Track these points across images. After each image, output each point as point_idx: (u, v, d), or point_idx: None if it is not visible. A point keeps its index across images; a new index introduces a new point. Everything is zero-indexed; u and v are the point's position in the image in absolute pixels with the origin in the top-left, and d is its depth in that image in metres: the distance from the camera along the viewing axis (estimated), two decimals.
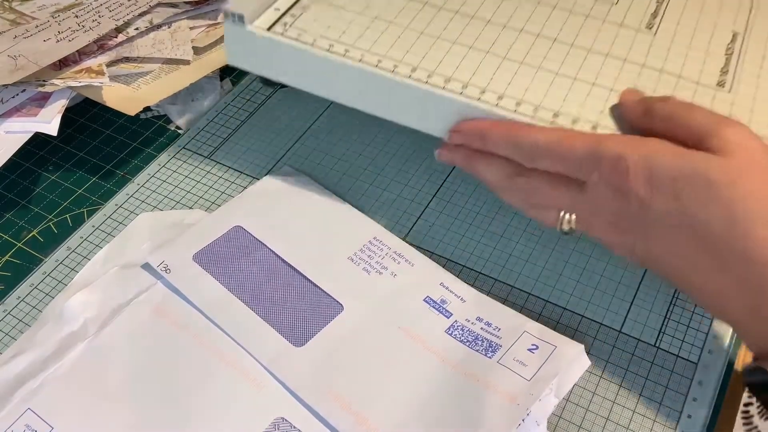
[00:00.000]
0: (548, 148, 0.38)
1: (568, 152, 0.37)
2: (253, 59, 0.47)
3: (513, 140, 0.39)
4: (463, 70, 0.43)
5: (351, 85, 0.44)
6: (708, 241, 0.33)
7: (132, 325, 0.42)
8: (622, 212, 0.36)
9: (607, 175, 0.35)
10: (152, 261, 0.44)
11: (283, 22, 0.45)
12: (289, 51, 0.44)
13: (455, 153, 0.42)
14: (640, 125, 0.38)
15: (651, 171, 0.34)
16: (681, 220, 0.34)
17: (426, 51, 0.44)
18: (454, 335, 0.41)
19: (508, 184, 0.40)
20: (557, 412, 0.39)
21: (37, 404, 0.39)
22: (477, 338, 0.40)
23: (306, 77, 0.46)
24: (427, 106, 0.42)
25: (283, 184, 0.50)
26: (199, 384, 0.39)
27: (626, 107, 0.39)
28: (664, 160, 0.34)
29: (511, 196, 0.41)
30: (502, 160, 0.40)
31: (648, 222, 0.35)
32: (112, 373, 0.40)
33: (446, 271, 0.44)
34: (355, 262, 0.44)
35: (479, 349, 0.40)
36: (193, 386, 0.39)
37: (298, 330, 0.41)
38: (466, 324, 0.41)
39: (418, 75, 0.42)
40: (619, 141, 0.36)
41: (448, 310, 0.42)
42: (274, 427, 0.38)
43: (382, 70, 0.43)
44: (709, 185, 0.33)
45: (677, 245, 0.35)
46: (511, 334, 0.40)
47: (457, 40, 0.44)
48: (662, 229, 0.35)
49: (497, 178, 0.41)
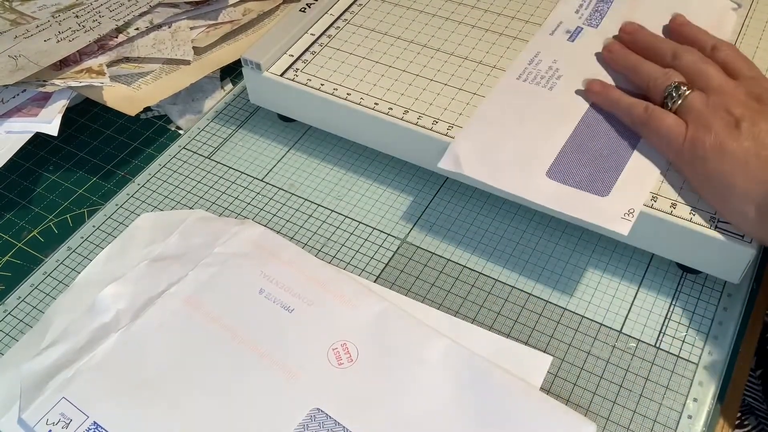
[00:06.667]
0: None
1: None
2: (269, 100, 0.53)
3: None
4: (450, 111, 0.47)
5: (353, 123, 0.49)
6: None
7: (164, 316, 0.42)
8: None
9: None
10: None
11: (294, 68, 0.51)
12: (299, 94, 0.50)
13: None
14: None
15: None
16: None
17: (419, 93, 0.48)
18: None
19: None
20: None
21: (71, 393, 0.39)
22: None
23: (315, 116, 0.51)
24: (418, 145, 0.47)
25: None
26: (233, 374, 0.40)
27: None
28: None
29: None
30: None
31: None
32: (146, 363, 0.40)
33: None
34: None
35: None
36: (226, 376, 0.40)
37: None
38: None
39: (409, 117, 0.47)
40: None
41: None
42: (310, 418, 0.38)
43: (378, 112, 0.47)
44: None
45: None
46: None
47: (448, 83, 0.49)
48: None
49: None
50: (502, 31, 0.52)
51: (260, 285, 0.43)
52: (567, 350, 0.41)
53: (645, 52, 0.46)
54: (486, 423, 0.37)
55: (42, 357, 0.41)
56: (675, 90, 0.42)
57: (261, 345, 0.41)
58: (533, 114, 0.46)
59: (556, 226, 0.47)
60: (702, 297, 0.43)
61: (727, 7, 0.52)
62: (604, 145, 0.43)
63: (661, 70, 0.44)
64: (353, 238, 0.48)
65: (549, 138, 0.44)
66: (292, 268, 0.44)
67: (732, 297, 0.43)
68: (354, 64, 0.51)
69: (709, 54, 0.44)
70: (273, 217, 0.49)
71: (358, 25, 0.54)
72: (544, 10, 0.53)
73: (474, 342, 0.41)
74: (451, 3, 0.55)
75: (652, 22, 0.49)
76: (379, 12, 0.55)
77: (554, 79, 0.48)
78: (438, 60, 0.50)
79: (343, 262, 0.46)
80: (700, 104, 0.41)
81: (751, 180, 0.38)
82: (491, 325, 0.43)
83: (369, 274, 0.46)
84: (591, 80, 0.46)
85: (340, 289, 0.43)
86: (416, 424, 0.38)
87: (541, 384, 0.39)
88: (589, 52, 0.49)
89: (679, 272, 0.45)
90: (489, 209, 0.49)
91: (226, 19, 0.61)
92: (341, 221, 0.49)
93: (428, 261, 0.46)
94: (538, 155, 0.43)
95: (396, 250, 0.47)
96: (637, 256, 0.45)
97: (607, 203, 0.41)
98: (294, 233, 0.48)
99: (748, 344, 0.43)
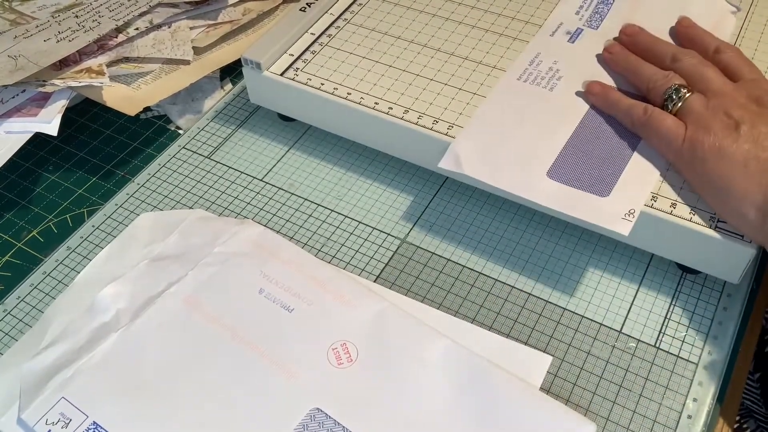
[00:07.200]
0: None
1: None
2: (270, 99, 0.53)
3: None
4: (450, 111, 0.47)
5: (353, 123, 0.49)
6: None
7: (163, 316, 0.42)
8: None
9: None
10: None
11: (294, 68, 0.51)
12: (299, 93, 0.50)
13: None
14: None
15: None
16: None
17: (419, 93, 0.48)
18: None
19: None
20: None
21: (71, 393, 0.39)
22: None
23: (315, 116, 0.51)
24: (418, 144, 0.47)
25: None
26: (233, 374, 0.40)
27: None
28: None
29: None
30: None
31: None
32: (145, 362, 0.40)
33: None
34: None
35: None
36: (226, 376, 0.40)
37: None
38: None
39: (409, 117, 0.47)
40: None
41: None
42: (310, 418, 0.38)
43: (378, 112, 0.47)
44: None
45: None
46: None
47: (448, 83, 0.49)
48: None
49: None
50: (502, 32, 0.52)
51: (260, 285, 0.43)
52: (567, 350, 0.41)
53: (645, 55, 0.47)
54: (486, 423, 0.37)
55: (42, 357, 0.41)
56: (675, 92, 0.42)
57: (261, 344, 0.41)
58: (534, 114, 0.46)
59: (556, 226, 0.47)
60: (702, 297, 0.43)
61: (726, 10, 0.52)
62: (604, 146, 0.43)
63: (662, 72, 0.44)
64: (353, 237, 0.48)
65: (550, 138, 0.44)
66: (291, 268, 0.44)
67: (732, 297, 0.43)
68: (354, 64, 0.51)
69: (712, 56, 0.45)
70: (273, 216, 0.49)
71: (358, 24, 0.54)
72: (543, 11, 0.53)
73: (474, 342, 0.41)
74: (451, 3, 0.55)
75: (652, 24, 0.49)
76: (379, 12, 0.55)
77: (555, 79, 0.48)
78: (438, 60, 0.50)
79: (343, 261, 0.46)
80: (700, 106, 0.41)
81: (751, 182, 0.38)
82: (491, 325, 0.43)
83: (369, 273, 0.46)
84: (591, 82, 0.46)
85: (339, 288, 0.43)
86: (416, 424, 0.38)
87: (541, 384, 0.39)
88: (590, 54, 0.49)
89: (678, 272, 0.45)
90: (489, 209, 0.49)
91: (225, 18, 0.61)
92: (341, 221, 0.49)
93: (428, 261, 0.46)
94: (538, 155, 0.43)
95: (396, 250, 0.47)
96: (637, 256, 0.45)
97: (608, 203, 0.41)
98: (294, 233, 0.48)
99: (747, 345, 0.43)
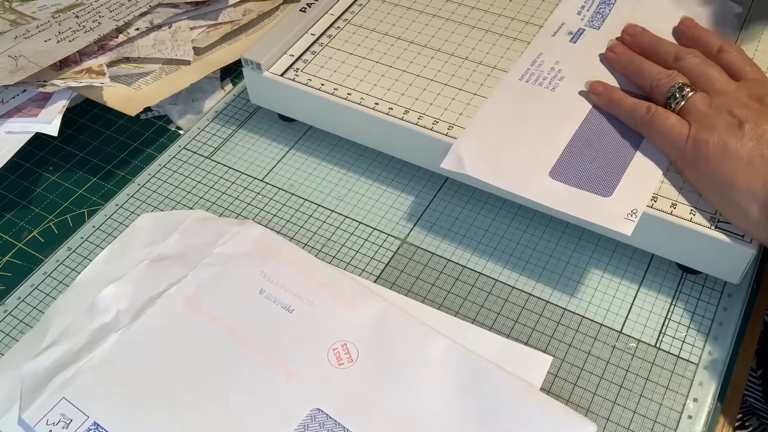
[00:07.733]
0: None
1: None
2: (270, 100, 0.53)
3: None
4: (450, 112, 0.47)
5: (353, 123, 0.49)
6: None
7: (164, 316, 0.42)
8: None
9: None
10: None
11: (294, 68, 0.51)
12: (299, 94, 0.50)
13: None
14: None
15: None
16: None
17: (419, 93, 0.48)
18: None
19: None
20: None
21: (71, 393, 0.39)
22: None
23: (315, 116, 0.51)
24: (418, 145, 0.47)
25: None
26: (233, 374, 0.40)
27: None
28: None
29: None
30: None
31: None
32: (146, 363, 0.40)
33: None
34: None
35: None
36: (226, 376, 0.40)
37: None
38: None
39: (409, 117, 0.47)
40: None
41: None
42: (310, 419, 0.38)
43: (378, 112, 0.47)
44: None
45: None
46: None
47: (448, 83, 0.49)
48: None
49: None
50: (502, 32, 0.52)
51: (260, 285, 0.44)
52: (567, 350, 0.41)
53: (648, 54, 0.47)
54: (486, 423, 0.37)
55: (42, 357, 0.41)
56: (678, 91, 0.42)
57: (261, 345, 0.41)
58: (536, 114, 0.46)
59: (557, 227, 0.47)
60: (702, 297, 0.43)
61: (727, 10, 0.52)
62: (607, 146, 0.43)
63: (665, 71, 0.44)
64: (353, 238, 0.48)
65: (552, 138, 0.44)
66: (292, 269, 0.44)
67: (732, 297, 0.43)
68: (354, 64, 0.51)
69: (715, 55, 0.45)
70: (273, 217, 0.49)
71: (359, 25, 0.54)
72: (544, 12, 0.53)
73: (474, 342, 0.41)
74: (452, 3, 0.55)
75: (653, 24, 0.49)
76: (379, 12, 0.55)
77: (557, 80, 0.48)
78: (438, 60, 0.50)
79: (344, 262, 0.46)
80: (703, 105, 0.41)
81: (755, 179, 0.38)
82: (491, 325, 0.43)
83: (369, 274, 0.46)
84: (593, 81, 0.46)
85: (340, 289, 0.43)
86: (416, 424, 0.38)
87: (541, 384, 0.39)
88: (591, 54, 0.49)
89: (679, 272, 0.45)
90: (489, 209, 0.49)
91: (226, 19, 0.61)
92: (341, 221, 0.49)
93: (428, 261, 0.46)
94: (541, 155, 0.43)
95: (396, 251, 0.47)
96: (637, 257, 0.45)
97: (610, 204, 0.41)
98: (294, 233, 0.48)
99: (748, 344, 0.43)
